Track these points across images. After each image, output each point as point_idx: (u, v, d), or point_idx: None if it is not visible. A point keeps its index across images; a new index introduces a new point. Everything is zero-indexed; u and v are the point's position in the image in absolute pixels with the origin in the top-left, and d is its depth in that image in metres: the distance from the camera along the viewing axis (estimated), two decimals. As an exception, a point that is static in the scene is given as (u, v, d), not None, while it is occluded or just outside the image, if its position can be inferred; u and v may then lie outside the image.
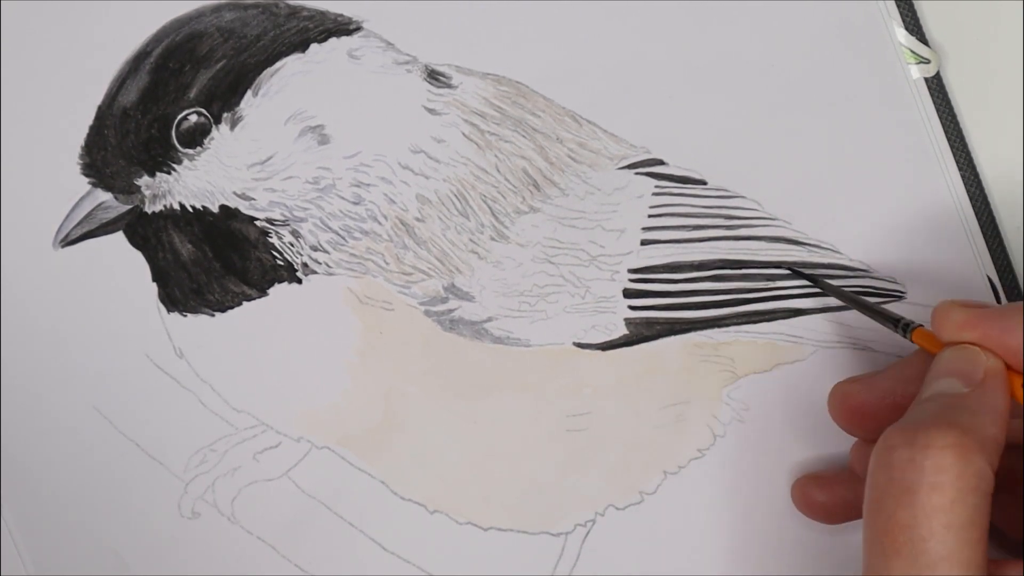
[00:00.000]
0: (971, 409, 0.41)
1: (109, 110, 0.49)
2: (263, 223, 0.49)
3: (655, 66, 0.51)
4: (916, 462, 0.40)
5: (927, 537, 0.39)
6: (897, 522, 0.40)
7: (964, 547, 0.39)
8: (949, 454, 0.40)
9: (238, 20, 0.49)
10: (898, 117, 0.51)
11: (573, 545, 0.50)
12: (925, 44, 0.51)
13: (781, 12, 0.51)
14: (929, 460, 0.40)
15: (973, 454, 0.40)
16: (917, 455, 0.40)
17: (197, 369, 0.49)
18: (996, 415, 0.42)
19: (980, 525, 0.40)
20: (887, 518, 0.40)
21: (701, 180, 0.51)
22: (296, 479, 0.50)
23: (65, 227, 0.49)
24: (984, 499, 0.40)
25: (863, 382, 0.48)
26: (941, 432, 0.40)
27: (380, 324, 0.49)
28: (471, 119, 0.50)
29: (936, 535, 0.39)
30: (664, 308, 0.50)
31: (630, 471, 0.50)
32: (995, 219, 0.51)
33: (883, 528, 0.40)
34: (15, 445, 0.49)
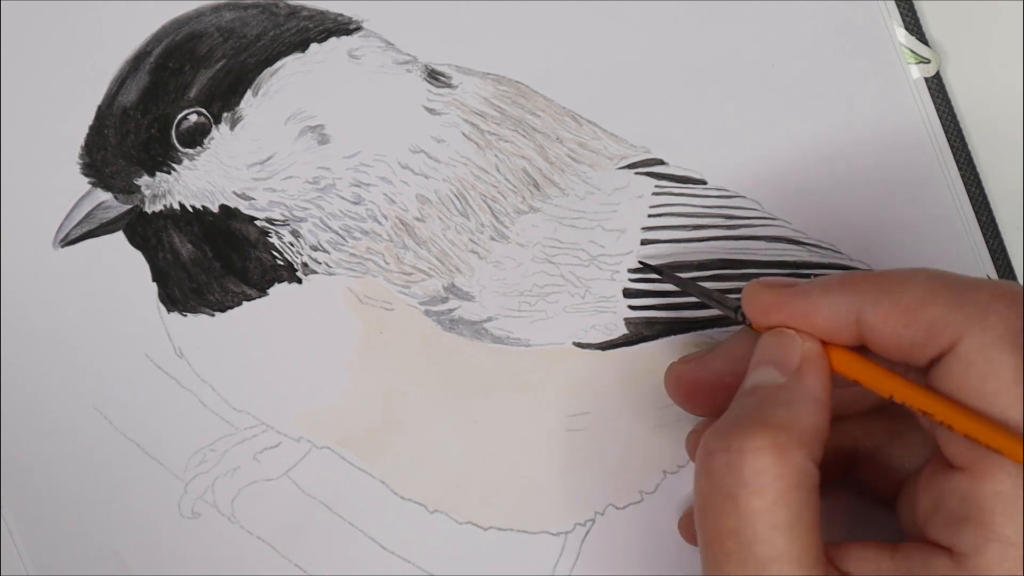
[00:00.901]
0: (787, 401, 0.41)
1: (109, 110, 0.49)
2: (263, 223, 0.49)
3: (655, 66, 0.51)
4: (734, 466, 0.40)
5: (753, 540, 0.39)
6: (723, 528, 0.40)
7: (792, 544, 0.39)
8: (765, 455, 0.39)
9: (238, 20, 0.49)
10: (898, 117, 0.51)
11: (573, 545, 0.50)
12: (925, 44, 0.51)
13: (781, 12, 0.51)
14: (747, 464, 0.39)
15: (791, 451, 0.40)
16: (734, 459, 0.40)
17: (197, 369, 0.49)
18: (815, 404, 0.41)
19: (807, 520, 0.39)
20: (713, 524, 0.40)
21: (701, 180, 0.51)
22: (296, 479, 0.50)
23: (65, 227, 0.49)
24: (808, 493, 0.40)
25: (696, 362, 0.47)
26: (755, 434, 0.40)
27: (380, 324, 0.49)
28: (471, 119, 0.50)
29: (762, 537, 0.39)
30: (664, 308, 0.50)
31: (630, 471, 0.50)
32: (995, 219, 0.51)
33: (712, 535, 0.40)
34: (15, 445, 0.49)
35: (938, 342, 0.40)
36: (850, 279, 0.42)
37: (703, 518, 0.41)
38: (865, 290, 0.41)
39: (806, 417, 0.41)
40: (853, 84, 0.51)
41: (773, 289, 0.43)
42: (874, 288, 0.41)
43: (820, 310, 0.42)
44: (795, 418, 0.40)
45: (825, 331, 0.42)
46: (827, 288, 0.42)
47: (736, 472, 0.40)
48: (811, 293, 0.42)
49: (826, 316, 0.42)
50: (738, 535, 0.39)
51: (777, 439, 0.40)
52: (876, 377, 0.42)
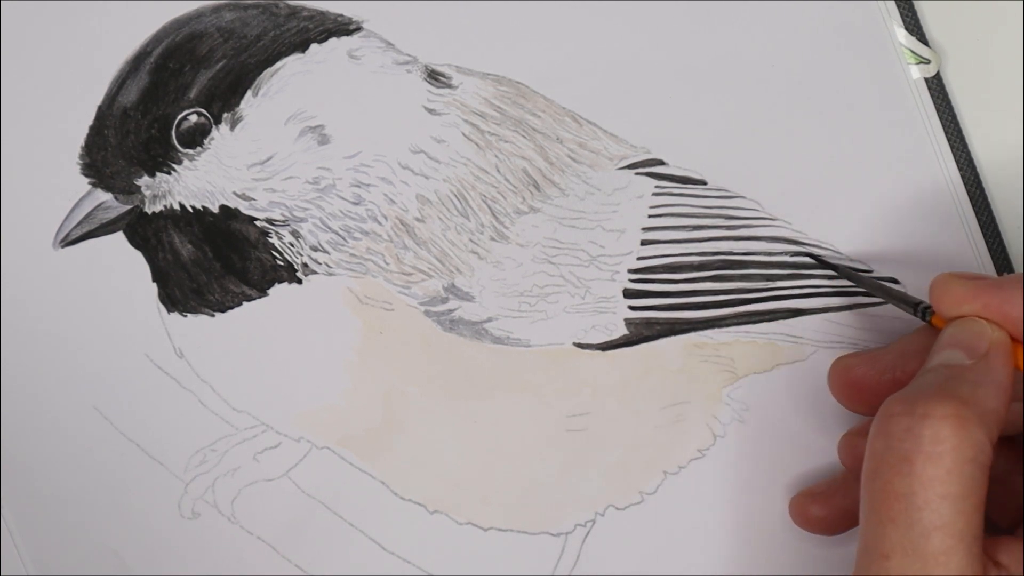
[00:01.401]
0: (973, 381, 0.41)
1: (109, 110, 0.49)
2: (263, 223, 0.49)
3: (655, 66, 0.51)
4: (914, 431, 0.40)
5: (922, 507, 0.39)
6: (893, 490, 0.40)
7: (959, 518, 0.39)
8: (947, 424, 0.40)
9: (238, 20, 0.49)
10: (898, 117, 0.51)
11: (573, 545, 0.50)
12: (925, 44, 0.51)
13: (781, 12, 0.51)
14: (927, 429, 0.40)
15: (972, 426, 0.40)
16: (915, 424, 0.40)
17: (197, 369, 0.49)
18: (998, 388, 0.41)
19: (976, 497, 0.40)
20: (883, 486, 0.40)
21: (701, 180, 0.51)
22: (296, 479, 0.50)
23: (65, 227, 0.49)
24: (981, 471, 0.40)
25: (865, 356, 0.47)
26: (941, 402, 0.40)
27: (380, 324, 0.49)
28: (471, 119, 0.50)
29: (931, 505, 0.39)
30: (664, 308, 0.50)
31: (630, 471, 0.50)
32: (995, 219, 0.51)
33: (879, 496, 0.40)
34: (15, 445, 0.49)
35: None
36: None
37: (873, 479, 0.40)
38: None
39: (989, 399, 0.41)
40: (853, 84, 0.51)
41: (966, 280, 0.44)
42: None
43: (1016, 302, 0.42)
44: (980, 397, 0.41)
45: (1018, 325, 0.43)
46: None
47: (916, 436, 0.40)
48: (1006, 285, 0.43)
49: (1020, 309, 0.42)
50: (907, 499, 0.39)
51: (960, 411, 0.40)
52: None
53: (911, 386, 0.42)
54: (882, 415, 0.41)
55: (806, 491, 0.49)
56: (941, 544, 0.39)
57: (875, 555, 0.40)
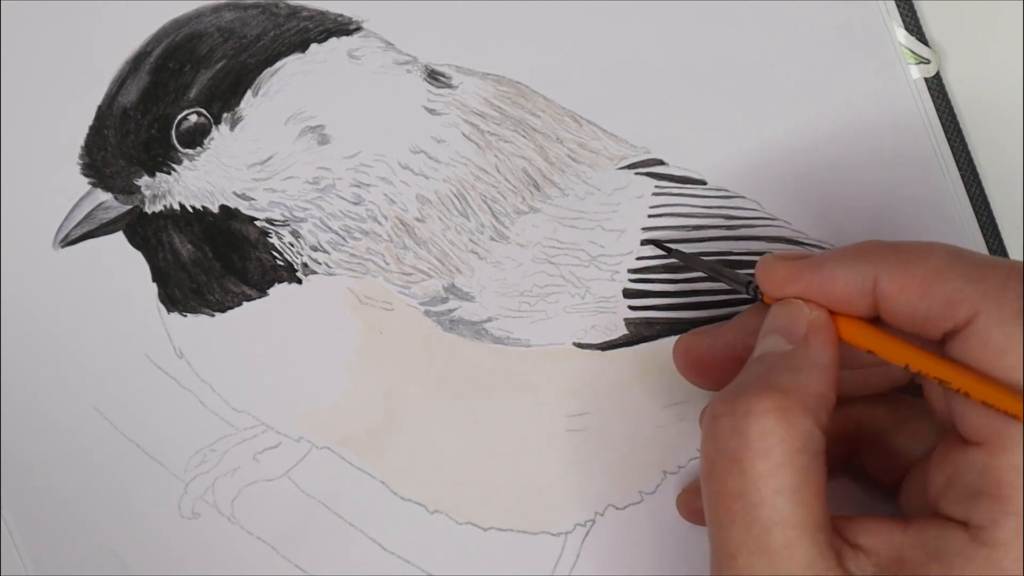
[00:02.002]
0: (793, 367, 0.41)
1: (109, 110, 0.49)
2: (263, 223, 0.49)
3: (655, 66, 0.51)
4: (739, 429, 0.40)
5: (758, 504, 0.39)
6: (728, 491, 0.40)
7: (797, 509, 0.39)
8: (770, 419, 0.39)
9: (238, 20, 0.49)
10: (898, 117, 0.51)
11: (573, 545, 0.50)
12: (925, 44, 0.51)
13: (781, 12, 0.51)
14: (752, 427, 0.39)
15: (796, 415, 0.40)
16: (739, 422, 0.40)
17: (197, 369, 0.49)
18: (821, 370, 0.41)
19: (812, 484, 0.39)
20: (718, 488, 0.40)
21: (701, 180, 0.51)
22: (296, 479, 0.50)
23: (65, 227, 0.49)
24: (814, 459, 0.40)
25: (707, 334, 0.47)
26: (761, 397, 0.40)
27: (380, 324, 0.49)
28: (471, 119, 0.50)
29: (767, 501, 0.39)
30: (664, 308, 0.50)
31: (630, 471, 0.50)
32: (994, 219, 0.51)
33: (716, 499, 0.40)
34: (15, 445, 0.49)
35: (954, 316, 0.40)
36: (866, 248, 0.42)
37: (709, 482, 0.41)
38: (882, 259, 0.41)
39: (812, 383, 0.41)
40: (853, 84, 0.51)
41: (787, 261, 0.43)
42: (891, 258, 0.41)
43: (836, 280, 0.42)
44: (801, 383, 0.41)
45: (840, 301, 0.42)
46: (843, 258, 0.42)
47: (741, 435, 0.40)
48: (826, 264, 0.42)
49: (842, 286, 0.42)
50: (743, 498, 0.39)
51: (782, 402, 0.40)
52: (890, 346, 0.42)
53: (733, 384, 0.42)
54: (708, 418, 0.41)
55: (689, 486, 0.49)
56: (783, 538, 0.39)
57: (723, 556, 0.40)
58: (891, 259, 0.41)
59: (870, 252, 0.42)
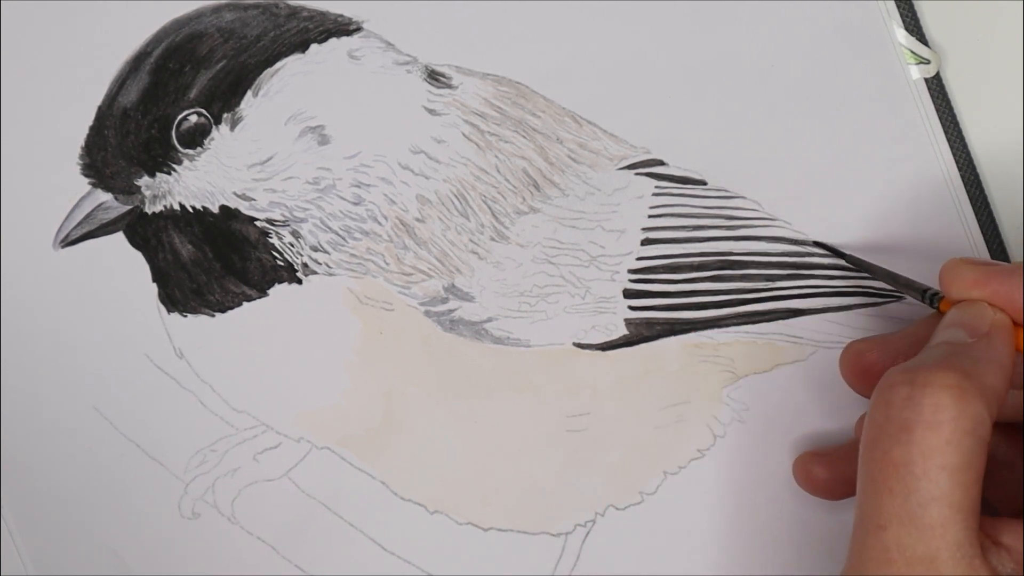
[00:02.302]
0: (974, 357, 0.41)
1: (109, 110, 0.49)
2: (263, 223, 0.49)
3: (655, 66, 0.51)
4: (914, 400, 0.40)
5: (920, 476, 0.39)
6: (891, 459, 0.40)
7: (957, 489, 0.39)
8: (948, 394, 0.40)
9: (238, 20, 0.49)
10: (898, 117, 0.51)
11: (573, 545, 0.50)
12: (925, 44, 0.51)
13: (781, 12, 0.51)
14: (928, 399, 0.40)
15: (972, 398, 0.40)
16: (916, 393, 0.40)
17: (197, 369, 0.49)
18: (999, 366, 0.42)
19: (975, 469, 0.39)
20: (882, 455, 0.40)
21: (701, 180, 0.51)
22: (296, 479, 0.50)
23: (65, 227, 0.49)
24: (980, 444, 0.40)
25: (876, 341, 0.48)
26: (942, 373, 0.40)
27: (380, 324, 0.49)
28: (471, 119, 0.50)
29: (930, 475, 0.39)
30: (664, 308, 0.50)
31: (630, 471, 0.50)
32: (995, 219, 0.51)
33: (877, 465, 0.40)
34: (15, 445, 0.49)
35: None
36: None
37: (872, 448, 0.40)
38: None
39: (990, 375, 0.41)
40: (853, 84, 0.51)
41: (976, 266, 0.44)
42: None
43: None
44: (980, 372, 0.41)
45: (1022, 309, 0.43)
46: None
47: (916, 404, 0.40)
48: (1017, 272, 0.43)
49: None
50: (906, 468, 0.39)
51: (962, 382, 0.40)
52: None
53: (913, 360, 0.42)
54: (883, 385, 0.41)
55: (812, 452, 0.49)
56: (939, 515, 0.39)
57: (871, 525, 0.40)
58: None
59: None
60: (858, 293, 0.50)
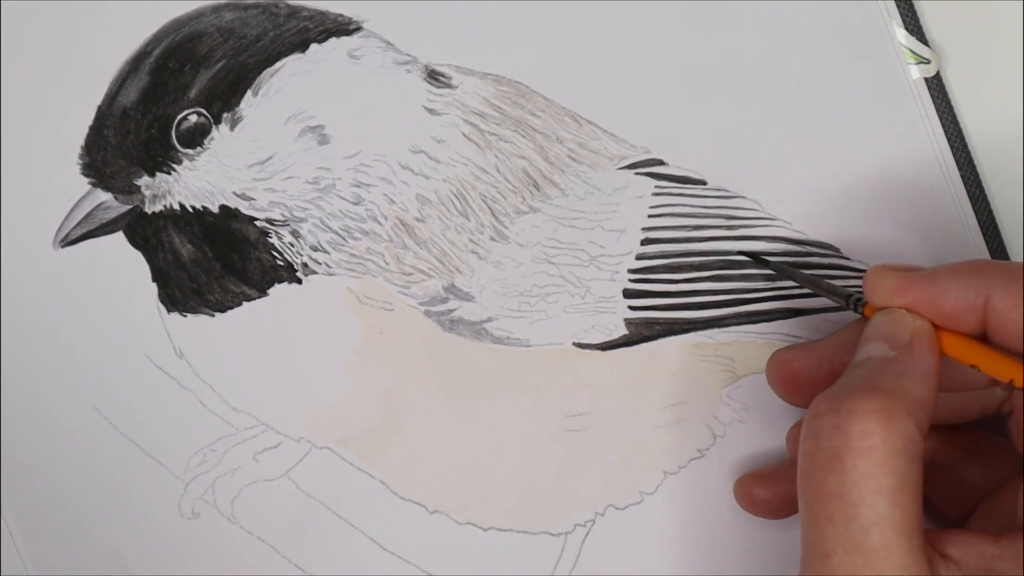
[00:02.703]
0: (897, 372, 0.41)
1: (109, 110, 0.49)
2: (263, 223, 0.49)
3: (655, 66, 0.51)
4: (842, 428, 0.40)
5: (857, 503, 0.39)
6: (827, 489, 0.40)
7: (895, 510, 0.39)
8: (874, 419, 0.40)
9: (238, 20, 0.49)
10: (898, 117, 0.51)
11: (573, 545, 0.50)
12: (925, 44, 0.51)
13: (781, 12, 0.51)
14: (855, 425, 0.40)
15: (899, 417, 0.40)
16: (843, 421, 0.40)
17: (197, 369, 0.49)
18: (923, 376, 0.41)
19: (911, 487, 0.40)
20: (817, 486, 0.40)
21: (701, 180, 0.51)
22: (296, 479, 0.50)
23: (65, 227, 0.49)
24: (914, 462, 0.40)
25: (802, 349, 0.47)
26: (865, 397, 0.40)
27: (380, 324, 0.49)
28: (471, 119, 0.50)
29: (866, 500, 0.39)
30: (664, 308, 0.50)
31: (630, 471, 0.50)
32: (995, 219, 0.51)
33: (814, 496, 0.40)
34: (15, 445, 0.49)
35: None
36: (980, 265, 0.42)
37: (807, 480, 0.41)
38: (995, 277, 0.42)
39: (915, 388, 0.41)
40: (853, 84, 0.51)
41: (898, 272, 0.44)
42: (1006, 275, 0.42)
43: (947, 293, 0.42)
44: (905, 387, 0.41)
45: (949, 315, 0.42)
46: (956, 272, 0.43)
47: (844, 433, 0.40)
48: (939, 277, 0.43)
49: (953, 300, 0.42)
50: (842, 497, 0.39)
51: (886, 404, 0.40)
52: (996, 361, 0.42)
53: (836, 384, 0.42)
54: (810, 415, 0.41)
55: (752, 473, 0.49)
56: (880, 539, 0.39)
57: (817, 554, 0.40)
58: (1005, 277, 0.42)
59: (983, 269, 0.42)
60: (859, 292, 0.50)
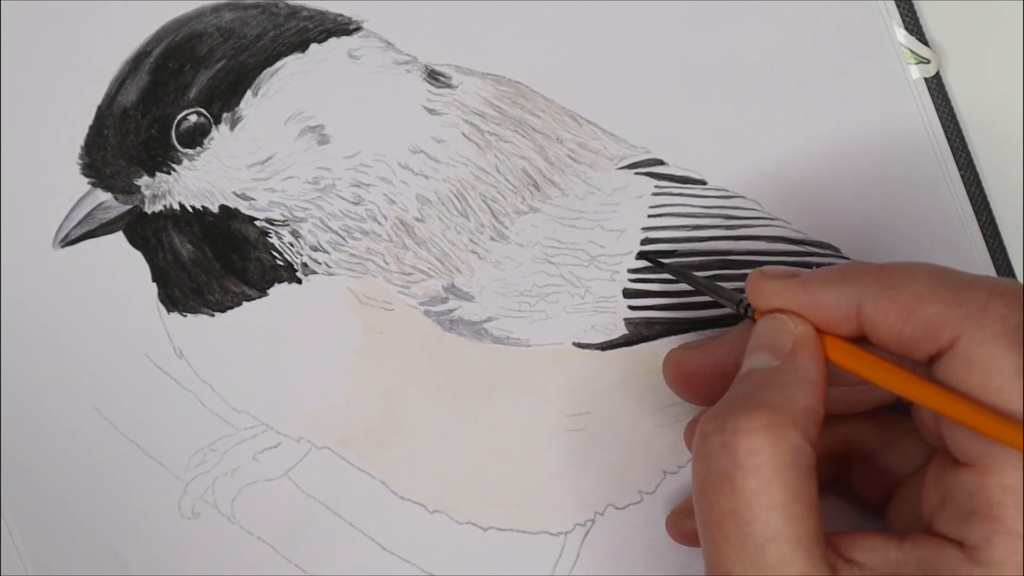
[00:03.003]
0: (781, 383, 0.41)
1: (109, 110, 0.49)
2: (263, 223, 0.49)
3: (655, 66, 0.51)
4: (729, 447, 0.40)
5: (751, 520, 0.39)
6: (720, 509, 0.40)
7: (790, 524, 0.39)
8: (759, 436, 0.39)
9: (238, 20, 0.49)
10: (898, 117, 0.51)
11: (573, 545, 0.50)
12: (925, 44, 0.51)
13: (781, 12, 0.51)
14: (741, 444, 0.40)
15: (785, 431, 0.40)
16: (729, 441, 0.40)
17: (197, 369, 0.49)
18: (809, 384, 0.41)
19: (804, 500, 0.39)
20: (710, 506, 0.40)
21: (701, 180, 0.51)
22: (296, 479, 0.50)
23: (65, 227, 0.49)
24: (805, 473, 0.40)
25: (697, 349, 0.47)
26: (749, 414, 0.40)
27: (380, 324, 0.49)
28: (471, 119, 0.50)
29: (760, 517, 0.39)
30: (664, 308, 0.50)
31: (630, 471, 0.50)
32: (995, 219, 0.51)
33: (709, 517, 0.40)
34: (15, 445, 0.49)
35: (937, 339, 0.40)
36: (851, 271, 0.42)
37: (700, 501, 0.41)
38: (866, 283, 0.41)
39: (800, 398, 0.41)
40: (853, 84, 0.51)
41: (774, 279, 0.43)
42: (874, 282, 0.41)
43: (820, 301, 0.42)
44: (789, 399, 0.41)
45: (826, 322, 0.42)
46: (828, 279, 0.42)
47: (731, 453, 0.40)
48: (812, 284, 0.42)
49: (826, 307, 0.42)
50: (735, 516, 0.39)
51: (771, 419, 0.40)
52: (876, 368, 0.42)
53: (721, 402, 0.42)
54: (698, 436, 0.41)
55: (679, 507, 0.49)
56: (777, 554, 0.39)
57: (718, 572, 0.40)
58: (874, 284, 0.41)
59: (854, 276, 0.42)
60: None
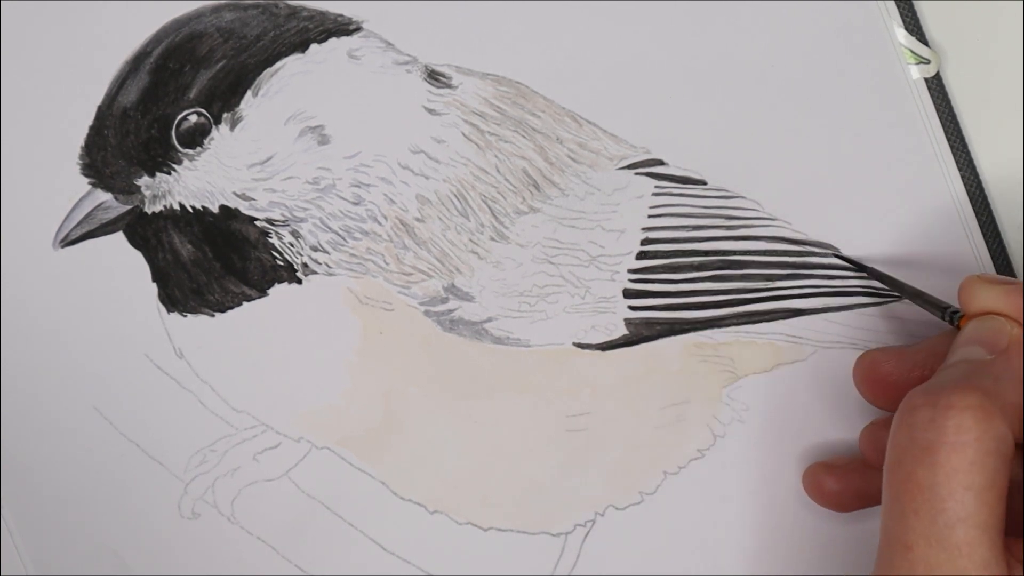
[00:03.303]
0: (994, 375, 0.42)
1: (109, 110, 0.49)
2: (263, 223, 0.49)
3: (655, 66, 0.51)
4: (937, 422, 0.40)
5: (946, 497, 0.39)
6: (916, 481, 0.40)
7: (982, 508, 0.39)
8: (970, 415, 0.40)
9: (238, 20, 0.49)
10: (898, 117, 0.51)
11: (573, 545, 0.50)
12: (925, 44, 0.51)
13: (781, 13, 0.51)
14: (951, 420, 0.40)
15: (994, 417, 0.40)
16: (939, 415, 0.40)
17: (197, 369, 0.49)
18: (1019, 383, 0.42)
19: (998, 488, 0.40)
20: (906, 476, 0.40)
21: (701, 180, 0.51)
22: (296, 479, 0.50)
23: (65, 227, 0.49)
24: (1004, 463, 0.40)
25: (893, 352, 0.48)
26: (963, 393, 0.40)
27: (380, 324, 0.49)
28: (471, 119, 0.50)
29: (955, 495, 0.39)
30: (664, 308, 0.50)
31: (630, 471, 0.50)
32: (995, 219, 0.51)
33: (902, 487, 0.40)
34: (15, 445, 0.49)
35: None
36: None
37: (896, 471, 0.40)
38: None
39: (1011, 392, 0.41)
40: (853, 84, 0.51)
41: (993, 284, 0.44)
42: None
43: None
44: (1001, 390, 0.41)
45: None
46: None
47: (939, 427, 0.40)
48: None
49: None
50: (931, 490, 0.39)
51: (984, 402, 0.40)
52: None
53: (933, 380, 0.42)
54: (904, 407, 0.41)
55: (822, 463, 0.49)
56: (965, 535, 0.39)
57: (898, 546, 0.40)
58: None
59: None
60: (858, 293, 0.50)
